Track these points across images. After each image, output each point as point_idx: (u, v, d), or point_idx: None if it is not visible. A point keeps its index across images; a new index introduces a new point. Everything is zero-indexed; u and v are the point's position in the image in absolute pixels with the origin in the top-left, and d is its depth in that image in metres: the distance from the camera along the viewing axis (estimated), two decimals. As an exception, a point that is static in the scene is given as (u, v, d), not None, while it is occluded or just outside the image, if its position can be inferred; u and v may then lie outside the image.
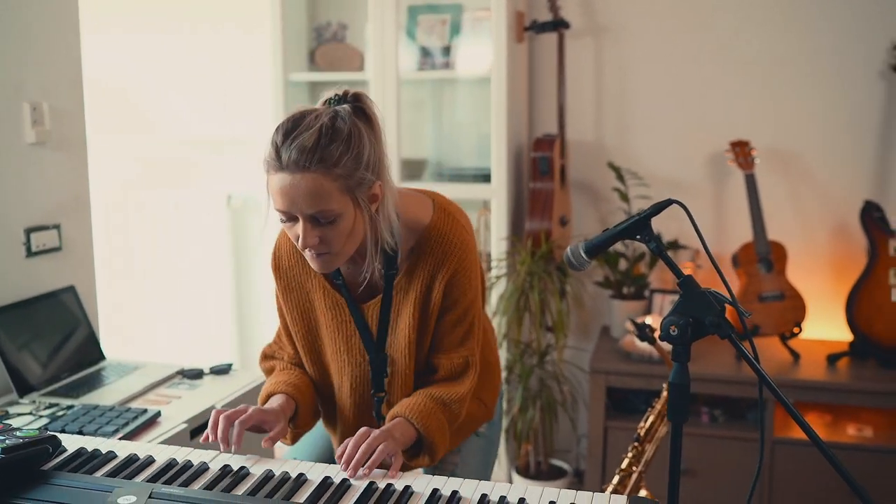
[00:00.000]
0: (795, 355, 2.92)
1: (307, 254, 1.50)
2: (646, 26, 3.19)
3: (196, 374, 2.35)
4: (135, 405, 2.11)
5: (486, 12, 3.10)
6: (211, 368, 2.39)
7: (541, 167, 3.04)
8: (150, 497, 1.32)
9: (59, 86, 2.38)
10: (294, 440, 1.72)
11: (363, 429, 1.49)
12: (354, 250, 1.53)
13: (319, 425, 1.84)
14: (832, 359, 2.91)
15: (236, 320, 3.66)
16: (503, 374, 3.04)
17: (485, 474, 1.81)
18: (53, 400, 2.10)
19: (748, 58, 3.12)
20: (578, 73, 3.25)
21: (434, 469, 1.74)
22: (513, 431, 3.02)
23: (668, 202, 1.55)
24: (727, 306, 1.45)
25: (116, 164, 3.30)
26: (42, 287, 2.32)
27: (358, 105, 1.47)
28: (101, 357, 2.42)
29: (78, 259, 2.48)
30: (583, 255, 1.59)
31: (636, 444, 2.09)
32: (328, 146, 1.40)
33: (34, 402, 2.10)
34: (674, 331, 1.46)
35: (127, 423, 1.94)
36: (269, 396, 1.67)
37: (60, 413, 2.01)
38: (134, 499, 1.32)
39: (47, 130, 2.32)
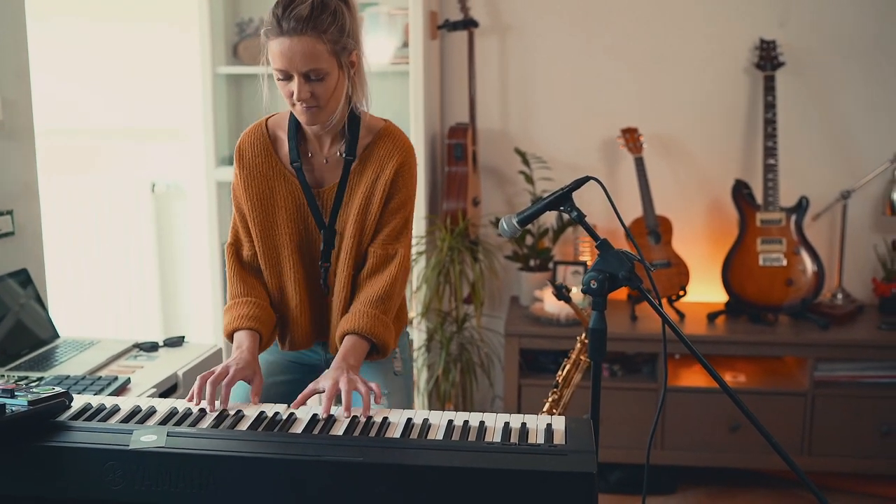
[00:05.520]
0: (681, 315, 3.34)
1: (298, 108, 1.80)
2: (546, 25, 3.53)
3: (151, 347, 2.52)
4: (101, 375, 2.28)
5: (398, 10, 3.37)
6: (165, 341, 2.56)
7: (455, 153, 3.35)
8: (168, 436, 1.54)
9: (7, 77, 2.49)
10: None
11: (328, 385, 1.72)
12: (336, 109, 1.84)
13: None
14: (711, 317, 3.34)
15: (160, 299, 3.80)
16: (425, 342, 3.34)
17: (409, 406, 2.10)
18: (21, 373, 2.25)
19: (636, 54, 3.51)
20: (486, 67, 3.56)
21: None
22: (436, 393, 3.32)
23: (587, 178, 1.88)
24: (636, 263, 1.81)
25: (47, 152, 3.39)
26: (-2, 270, 2.45)
27: None
28: (56, 335, 2.56)
29: (29, 243, 2.60)
30: (515, 224, 1.92)
31: (555, 389, 2.42)
32: (319, 16, 1.74)
33: (3, 376, 2.23)
34: (593, 284, 1.79)
35: (102, 390, 2.11)
36: (233, 332, 1.91)
37: (33, 384, 2.15)
38: (155, 437, 1.53)
39: (0, 120, 2.44)
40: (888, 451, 3.16)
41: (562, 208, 1.87)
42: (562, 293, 2.38)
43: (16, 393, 1.60)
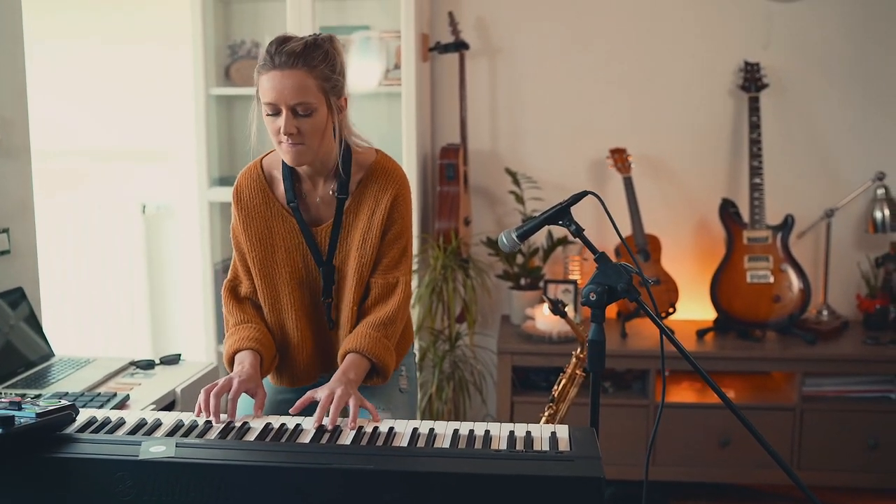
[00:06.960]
0: (671, 332, 3.38)
1: (284, 145, 1.83)
2: (535, 48, 3.60)
3: (148, 365, 2.51)
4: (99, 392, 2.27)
5: (389, 33, 3.42)
6: (161, 359, 2.56)
7: (447, 173, 3.39)
8: (177, 446, 1.55)
9: (5, 96, 2.50)
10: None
11: (324, 395, 1.75)
12: (322, 151, 1.87)
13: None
14: (700, 333, 3.39)
15: (150, 320, 3.80)
16: (419, 360, 3.35)
17: None
18: (19, 391, 2.24)
19: (623, 75, 3.58)
20: (476, 89, 3.62)
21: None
22: (429, 411, 3.34)
23: (585, 193, 1.93)
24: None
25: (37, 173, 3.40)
26: (-7, 289, 2.44)
27: (330, 39, 1.87)
28: (51, 353, 2.55)
29: (25, 261, 2.60)
30: (515, 239, 1.96)
31: (551, 404, 2.45)
32: (311, 53, 1.80)
33: (1, 393, 2.23)
34: (592, 297, 1.83)
35: (102, 406, 2.10)
36: (235, 352, 1.94)
37: (31, 401, 2.15)
38: (164, 448, 1.54)
39: (-2, 139, 2.45)
40: (876, 465, 3.20)
41: (560, 222, 1.91)
42: (558, 308, 2.41)
43: (23, 405, 1.60)
